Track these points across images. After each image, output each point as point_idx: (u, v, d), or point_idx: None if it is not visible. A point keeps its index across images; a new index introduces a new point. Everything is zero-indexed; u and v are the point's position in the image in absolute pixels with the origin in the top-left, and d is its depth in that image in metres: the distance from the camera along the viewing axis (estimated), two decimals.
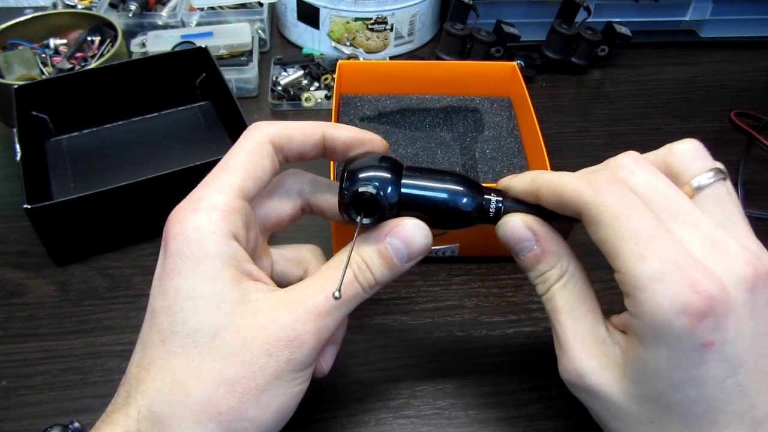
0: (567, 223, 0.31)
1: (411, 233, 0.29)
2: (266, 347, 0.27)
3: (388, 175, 0.29)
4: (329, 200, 0.33)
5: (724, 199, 0.27)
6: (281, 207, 0.33)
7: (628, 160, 0.29)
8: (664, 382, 0.25)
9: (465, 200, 0.30)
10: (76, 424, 0.35)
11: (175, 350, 0.27)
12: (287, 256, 0.34)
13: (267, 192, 0.32)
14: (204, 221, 0.27)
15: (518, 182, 0.31)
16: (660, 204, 0.27)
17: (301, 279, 0.33)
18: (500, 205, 0.30)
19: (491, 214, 0.30)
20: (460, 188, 0.30)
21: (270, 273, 0.33)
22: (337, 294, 0.27)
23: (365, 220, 0.29)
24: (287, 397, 0.28)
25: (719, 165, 0.28)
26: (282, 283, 0.33)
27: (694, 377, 0.25)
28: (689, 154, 0.29)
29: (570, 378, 0.28)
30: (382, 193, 0.28)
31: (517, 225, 0.30)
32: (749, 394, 0.25)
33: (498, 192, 0.31)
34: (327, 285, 0.28)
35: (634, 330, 0.26)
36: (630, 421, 0.27)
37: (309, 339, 0.27)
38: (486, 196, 0.30)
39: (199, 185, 0.29)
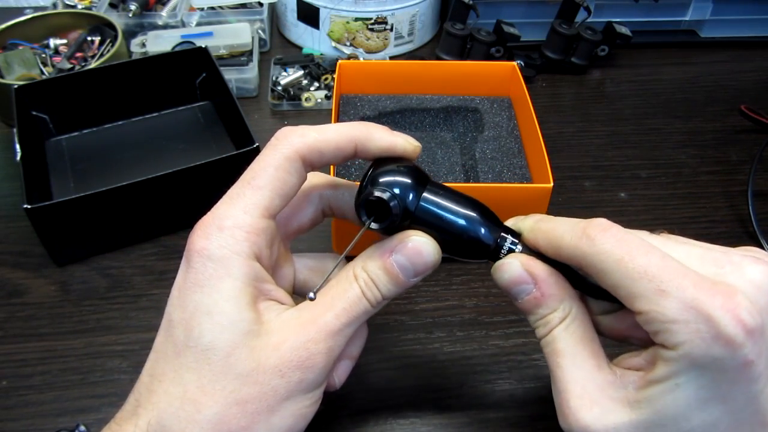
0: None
1: (417, 250, 0.28)
2: (279, 368, 0.27)
3: (409, 186, 0.28)
4: (350, 202, 0.32)
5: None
6: (302, 213, 0.33)
7: (600, 220, 0.28)
8: (691, 406, 0.25)
9: (481, 233, 0.29)
10: (82, 428, 0.35)
11: (188, 364, 0.27)
12: (309, 264, 0.34)
13: (298, 201, 0.32)
14: (229, 241, 0.27)
15: (525, 233, 0.30)
16: (649, 240, 0.27)
17: None
18: (514, 248, 0.29)
19: (502, 255, 0.30)
20: (480, 219, 0.29)
21: (292, 281, 0.33)
22: (312, 295, 0.27)
23: (373, 225, 0.28)
24: (296, 419, 0.28)
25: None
26: (304, 291, 0.33)
27: (723, 394, 0.24)
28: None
29: (571, 429, 0.27)
30: (395, 202, 0.27)
31: (514, 267, 0.29)
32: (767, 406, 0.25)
33: (515, 234, 0.30)
34: (336, 301, 0.28)
35: (668, 360, 0.25)
36: None
37: (320, 359, 0.27)
38: (503, 234, 0.30)
39: (224, 199, 0.29)
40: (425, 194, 0.29)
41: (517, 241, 0.30)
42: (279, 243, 0.31)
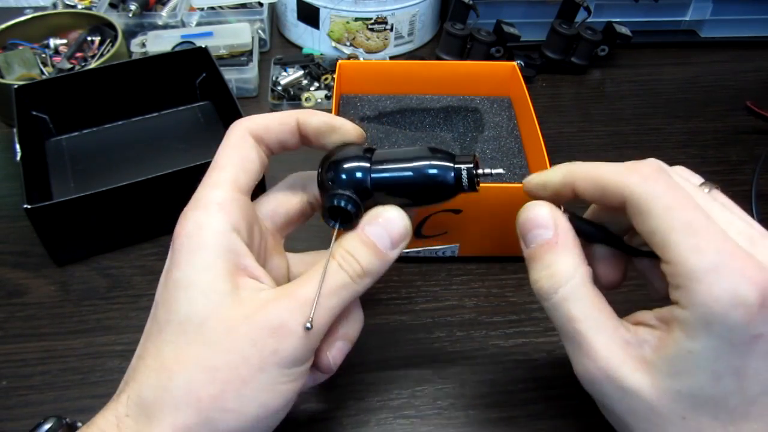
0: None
1: (387, 219, 0.29)
2: (251, 336, 0.26)
3: (356, 170, 0.30)
4: None
5: (729, 203, 0.29)
6: (287, 203, 0.34)
7: (653, 161, 0.28)
8: (704, 374, 0.25)
9: (436, 175, 0.29)
10: (79, 424, 0.35)
11: (167, 339, 0.27)
12: (306, 260, 0.35)
13: (273, 191, 0.34)
14: (202, 216, 0.28)
15: (552, 178, 0.30)
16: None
17: None
18: (471, 172, 0.30)
19: (464, 183, 0.30)
20: (431, 164, 0.30)
21: (285, 274, 0.34)
22: (308, 325, 0.27)
23: (339, 226, 0.30)
24: (273, 395, 0.27)
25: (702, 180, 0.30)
26: None
27: (736, 368, 0.25)
28: (683, 173, 0.30)
29: (598, 382, 0.27)
30: (350, 205, 0.29)
31: (543, 210, 0.29)
32: None
33: (469, 159, 0.30)
34: (314, 275, 0.28)
35: (681, 321, 0.25)
36: (660, 420, 0.26)
37: (296, 329, 0.27)
38: (457, 165, 0.30)
39: (198, 187, 0.30)
40: (373, 168, 0.30)
41: (471, 164, 0.30)
42: (263, 230, 0.32)
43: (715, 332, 0.24)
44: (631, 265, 0.32)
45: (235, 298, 0.27)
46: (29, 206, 0.42)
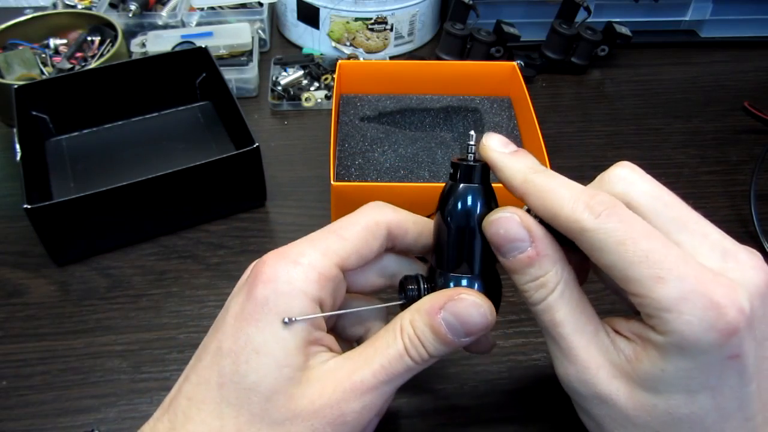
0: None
1: (466, 311, 0.28)
2: (311, 422, 0.26)
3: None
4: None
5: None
6: (374, 282, 0.32)
7: (624, 171, 0.27)
8: (679, 393, 0.25)
9: (450, 205, 0.29)
10: None
11: (229, 399, 0.26)
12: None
13: (369, 267, 0.32)
14: (299, 278, 0.27)
15: (509, 178, 0.28)
16: (667, 214, 0.26)
17: (360, 339, 0.33)
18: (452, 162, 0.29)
19: (454, 173, 0.29)
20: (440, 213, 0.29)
21: (333, 325, 0.33)
22: (286, 320, 0.27)
23: (404, 302, 0.30)
24: None
25: None
26: (343, 335, 0.32)
27: (712, 387, 0.25)
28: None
29: (576, 386, 0.27)
30: (411, 290, 0.29)
31: (513, 224, 0.27)
32: (756, 400, 0.25)
33: (458, 169, 0.29)
34: (376, 357, 0.27)
35: (655, 343, 0.25)
36: (636, 430, 0.26)
37: (353, 418, 0.27)
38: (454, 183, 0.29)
39: (304, 239, 0.29)
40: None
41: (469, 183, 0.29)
42: (341, 298, 0.31)
43: (689, 355, 0.24)
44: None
45: (304, 374, 0.27)
46: (29, 206, 0.42)
